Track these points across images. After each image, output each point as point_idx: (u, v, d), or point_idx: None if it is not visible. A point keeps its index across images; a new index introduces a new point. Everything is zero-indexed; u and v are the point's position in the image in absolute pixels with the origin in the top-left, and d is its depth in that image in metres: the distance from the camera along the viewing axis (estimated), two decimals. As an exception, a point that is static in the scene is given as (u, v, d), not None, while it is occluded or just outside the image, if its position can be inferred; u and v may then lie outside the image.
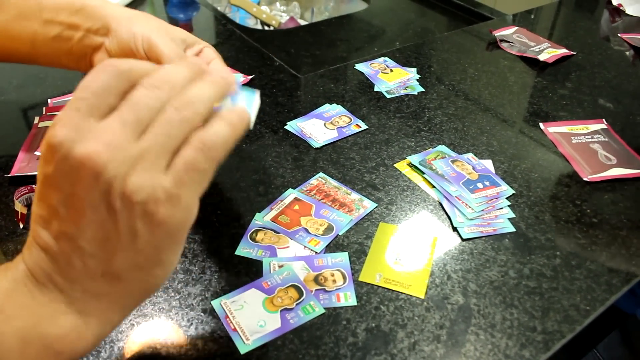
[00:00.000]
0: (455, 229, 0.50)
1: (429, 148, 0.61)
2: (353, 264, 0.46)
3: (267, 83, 0.74)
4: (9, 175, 0.53)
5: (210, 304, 0.42)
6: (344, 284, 0.44)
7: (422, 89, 0.74)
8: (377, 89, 0.73)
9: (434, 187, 0.55)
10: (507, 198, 0.54)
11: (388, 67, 0.79)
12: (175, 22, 1.00)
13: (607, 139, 0.65)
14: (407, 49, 0.85)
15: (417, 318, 0.42)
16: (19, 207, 0.49)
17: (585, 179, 0.58)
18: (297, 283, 0.44)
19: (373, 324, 0.41)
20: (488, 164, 0.59)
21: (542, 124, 0.67)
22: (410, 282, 0.45)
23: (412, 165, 0.58)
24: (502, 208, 0.53)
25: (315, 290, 0.44)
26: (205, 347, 0.39)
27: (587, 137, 0.65)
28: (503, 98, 0.73)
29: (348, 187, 0.55)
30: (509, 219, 0.52)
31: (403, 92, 0.73)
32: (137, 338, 0.40)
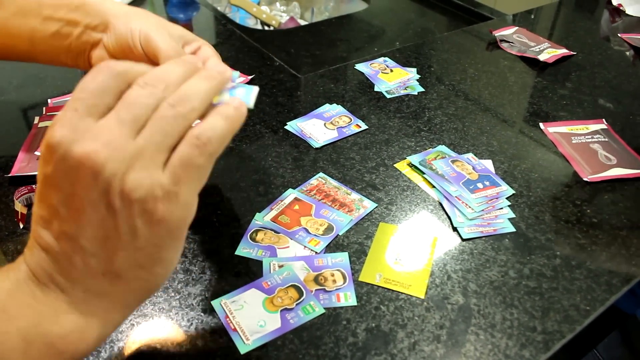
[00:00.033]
0: (455, 229, 0.50)
1: (429, 148, 0.61)
2: (353, 264, 0.46)
3: (267, 83, 0.74)
4: (9, 175, 0.53)
5: (210, 304, 0.42)
6: (344, 284, 0.44)
7: (422, 89, 0.74)
8: (377, 89, 0.73)
9: (434, 187, 0.55)
10: (507, 198, 0.54)
11: (388, 67, 0.79)
12: (175, 22, 1.00)
13: (607, 139, 0.65)
14: (407, 49, 0.85)
15: (417, 318, 0.42)
16: (19, 207, 0.49)
17: (585, 179, 0.58)
18: (297, 283, 0.44)
19: (373, 324, 0.41)
20: (488, 164, 0.59)
21: (542, 124, 0.67)
22: (410, 282, 0.45)
23: (412, 166, 0.58)
24: (502, 208, 0.53)
25: (315, 290, 0.44)
26: (205, 347, 0.39)
27: (587, 137, 0.65)
28: (503, 98, 0.73)
29: (348, 187, 0.55)
30: (509, 219, 0.52)
31: (403, 92, 0.73)
32: (137, 338, 0.40)
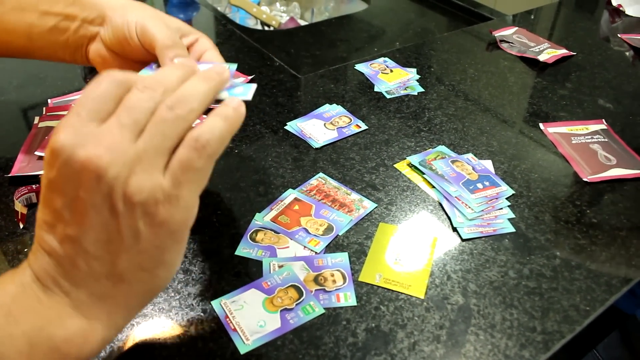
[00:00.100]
0: (455, 229, 0.51)
1: (429, 148, 0.61)
2: (353, 264, 0.46)
3: (267, 83, 0.74)
4: (9, 175, 0.53)
5: (210, 304, 0.42)
6: (344, 284, 0.44)
7: (422, 90, 0.74)
8: (377, 89, 0.73)
9: (434, 187, 0.55)
10: (506, 198, 0.54)
11: (388, 67, 0.79)
12: (175, 22, 1.00)
13: (607, 140, 0.65)
14: (407, 50, 0.85)
15: (417, 318, 0.42)
16: (19, 207, 0.49)
17: (585, 180, 0.58)
18: (297, 283, 0.44)
19: (373, 324, 0.42)
20: (488, 165, 0.59)
21: (542, 125, 0.67)
22: (410, 282, 0.45)
23: (412, 166, 0.58)
24: (502, 208, 0.53)
25: (315, 291, 0.44)
26: (205, 347, 0.39)
27: (587, 137, 0.65)
28: (503, 98, 0.73)
29: (348, 187, 0.55)
30: (509, 219, 0.52)
31: (403, 92, 0.73)
32: (137, 338, 0.40)
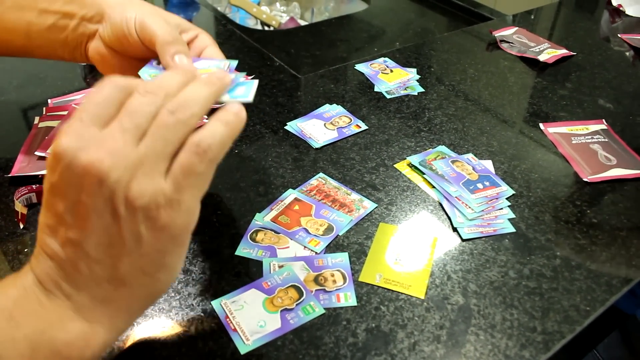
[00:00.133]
0: (455, 230, 0.50)
1: (429, 148, 0.61)
2: (353, 264, 0.46)
3: (267, 83, 0.74)
4: (9, 176, 0.53)
5: (211, 304, 0.42)
6: (344, 284, 0.44)
7: (422, 90, 0.74)
8: (377, 90, 0.73)
9: (434, 187, 0.55)
10: (507, 198, 0.54)
11: (388, 67, 0.79)
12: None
13: (607, 140, 0.65)
14: (407, 50, 0.85)
15: (417, 318, 0.42)
16: (19, 207, 0.49)
17: (585, 180, 0.58)
18: (297, 283, 0.44)
19: (373, 324, 0.41)
20: (488, 165, 0.59)
21: (542, 125, 0.67)
22: (410, 282, 0.45)
23: (412, 166, 0.58)
24: (502, 208, 0.53)
25: (315, 291, 0.44)
26: (205, 347, 0.39)
27: (587, 137, 0.65)
28: (503, 98, 0.73)
29: (348, 187, 0.55)
30: (509, 220, 0.52)
31: (403, 92, 0.73)
32: (137, 338, 0.40)
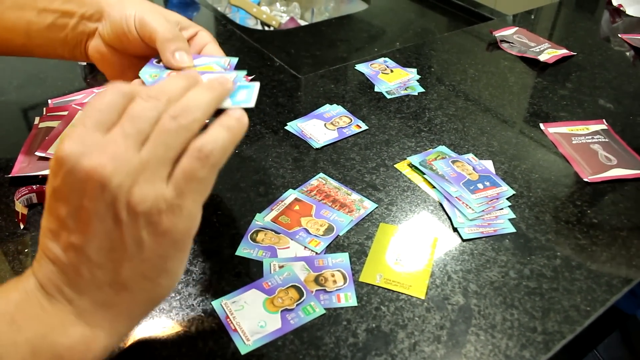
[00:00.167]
0: (456, 230, 0.50)
1: (430, 148, 0.61)
2: (353, 265, 0.46)
3: (267, 83, 0.74)
4: (10, 176, 0.53)
5: (211, 305, 0.42)
6: (345, 285, 0.44)
7: (422, 90, 0.74)
8: (377, 90, 0.73)
9: (435, 187, 0.55)
10: (507, 199, 0.54)
11: (388, 67, 0.79)
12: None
13: (607, 140, 0.65)
14: (407, 50, 0.85)
15: (417, 318, 0.42)
16: (20, 207, 0.49)
17: (586, 180, 0.58)
18: (297, 283, 0.44)
19: (373, 325, 0.41)
20: (488, 165, 0.59)
21: (542, 125, 0.67)
22: (411, 282, 0.45)
23: (412, 166, 0.58)
24: (502, 209, 0.53)
25: (316, 291, 0.44)
26: (206, 347, 0.39)
27: (587, 137, 0.65)
28: (503, 98, 0.73)
29: (348, 187, 0.55)
30: (510, 220, 0.52)
31: (403, 92, 0.73)
32: (137, 338, 0.40)
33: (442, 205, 0.53)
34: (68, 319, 0.29)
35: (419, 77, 0.77)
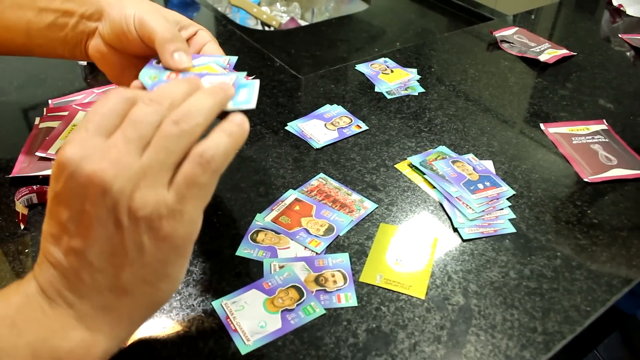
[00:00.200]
0: (456, 230, 0.50)
1: (430, 149, 0.61)
2: (354, 265, 0.46)
3: (267, 84, 0.74)
4: (10, 176, 0.53)
5: (211, 305, 0.42)
6: (345, 285, 0.44)
7: (422, 90, 0.74)
8: (377, 90, 0.73)
9: (435, 187, 0.55)
10: (507, 199, 0.54)
11: (388, 67, 0.79)
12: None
13: (607, 140, 0.65)
14: (407, 50, 0.85)
15: (417, 319, 0.42)
16: (20, 207, 0.49)
17: (586, 180, 0.58)
18: (297, 284, 0.44)
19: (374, 325, 0.41)
20: (488, 165, 0.59)
21: (542, 125, 0.67)
22: (411, 282, 0.45)
23: (412, 166, 0.58)
24: (502, 209, 0.53)
25: (316, 291, 0.44)
26: (206, 347, 0.39)
27: (587, 137, 0.65)
28: (503, 99, 0.73)
29: (349, 187, 0.55)
30: (510, 220, 0.52)
31: (403, 92, 0.73)
32: (137, 338, 0.40)
33: (442, 206, 0.53)
34: (68, 323, 0.29)
35: (419, 77, 0.77)
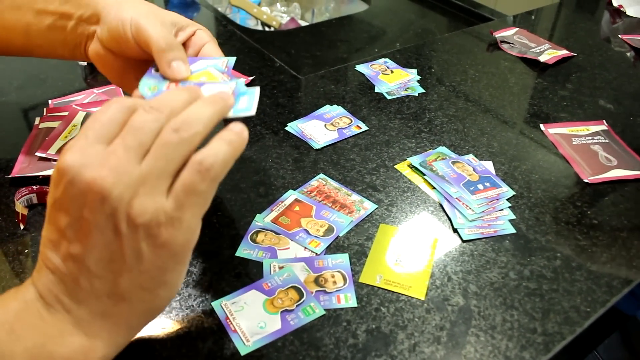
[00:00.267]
0: (456, 231, 0.50)
1: (430, 149, 0.61)
2: (353, 265, 0.46)
3: (267, 84, 0.74)
4: (10, 176, 0.53)
5: (211, 305, 0.42)
6: (344, 286, 0.44)
7: (422, 90, 0.74)
8: (377, 90, 0.73)
9: (435, 188, 0.55)
10: (507, 199, 0.54)
11: (388, 68, 0.79)
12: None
13: (607, 140, 0.65)
14: (407, 50, 0.85)
15: (417, 319, 0.42)
16: (20, 208, 0.49)
17: (586, 181, 0.58)
18: (297, 284, 0.44)
19: (373, 326, 0.41)
20: (488, 165, 0.59)
21: (542, 125, 0.67)
22: (411, 283, 0.45)
23: (412, 167, 0.58)
24: (502, 209, 0.53)
25: (316, 292, 0.44)
26: (206, 348, 0.39)
27: (587, 138, 0.65)
28: (503, 99, 0.73)
29: (348, 188, 0.55)
30: (510, 221, 0.52)
31: (403, 93, 0.73)
32: (137, 339, 0.40)
33: (442, 206, 0.53)
34: (66, 329, 0.30)
35: (419, 77, 0.77)
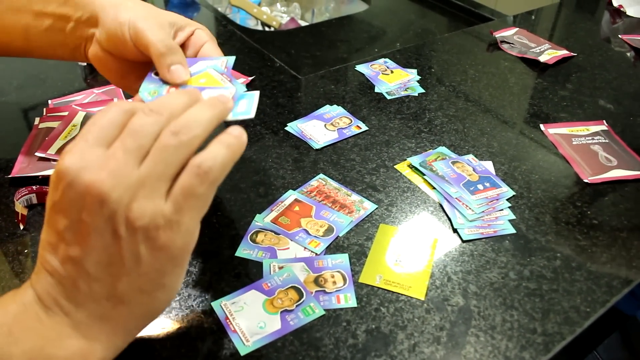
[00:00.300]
0: (456, 231, 0.50)
1: (430, 149, 0.61)
2: (353, 266, 0.46)
3: (267, 84, 0.74)
4: (10, 176, 0.53)
5: (210, 306, 0.42)
6: (344, 286, 0.44)
7: (422, 90, 0.74)
8: (377, 90, 0.73)
9: (435, 188, 0.55)
10: (507, 199, 0.54)
11: (388, 68, 0.79)
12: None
13: (607, 141, 0.65)
14: (407, 50, 0.85)
15: (417, 320, 0.42)
16: (19, 208, 0.49)
17: (586, 181, 0.58)
18: (297, 284, 0.44)
19: (373, 326, 0.41)
20: (488, 166, 0.59)
21: (542, 125, 0.67)
22: (411, 283, 0.45)
23: (412, 167, 0.58)
24: (502, 209, 0.53)
25: (315, 292, 0.44)
26: (205, 348, 0.39)
27: (587, 138, 0.65)
28: (503, 99, 0.73)
29: (348, 188, 0.55)
30: (510, 221, 0.52)
31: (403, 93, 0.73)
32: (136, 339, 0.40)
33: (442, 206, 0.53)
34: (65, 332, 0.30)
35: (419, 77, 0.77)
